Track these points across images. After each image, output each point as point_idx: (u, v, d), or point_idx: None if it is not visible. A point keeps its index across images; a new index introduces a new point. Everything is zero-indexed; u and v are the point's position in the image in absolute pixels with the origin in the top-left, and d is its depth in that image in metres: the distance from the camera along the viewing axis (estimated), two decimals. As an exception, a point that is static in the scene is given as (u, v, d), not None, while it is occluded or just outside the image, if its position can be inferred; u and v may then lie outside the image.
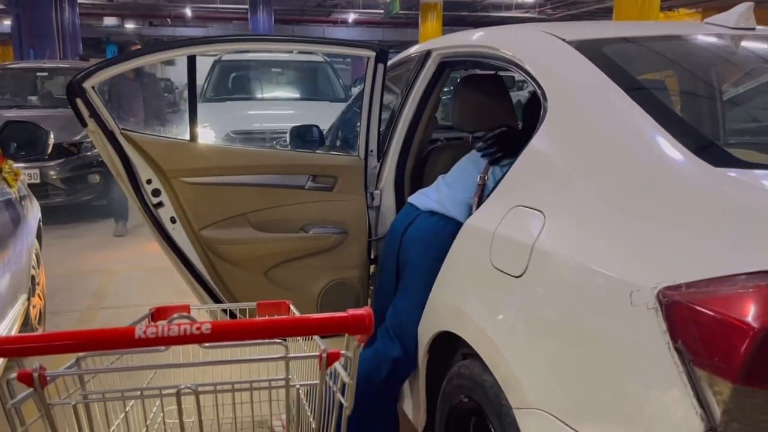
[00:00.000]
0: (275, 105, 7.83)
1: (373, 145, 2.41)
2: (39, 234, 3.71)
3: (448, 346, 1.79)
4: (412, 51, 2.63)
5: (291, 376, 1.25)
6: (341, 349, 1.20)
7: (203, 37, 2.37)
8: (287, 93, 8.39)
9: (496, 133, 2.00)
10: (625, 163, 1.37)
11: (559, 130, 1.56)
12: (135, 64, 2.22)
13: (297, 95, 8.23)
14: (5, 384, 1.07)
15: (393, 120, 2.47)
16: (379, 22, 25.32)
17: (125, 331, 1.02)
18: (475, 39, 2.12)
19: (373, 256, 2.45)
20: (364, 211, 2.38)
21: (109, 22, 25.31)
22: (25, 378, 1.05)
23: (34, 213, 3.58)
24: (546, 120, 1.58)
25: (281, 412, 1.49)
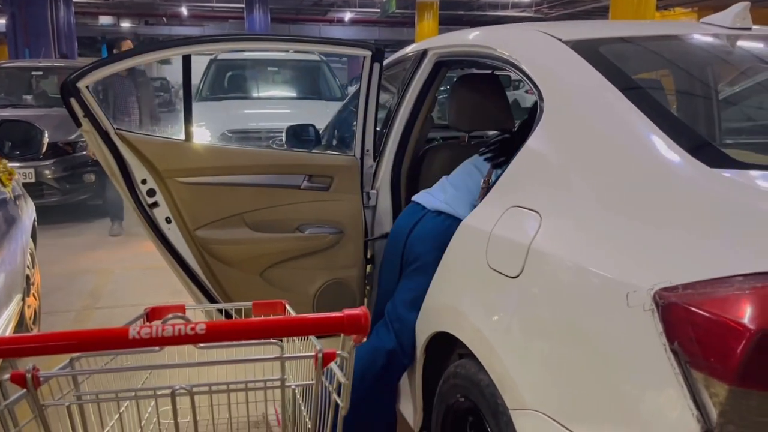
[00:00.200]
0: (271, 104, 7.81)
1: (369, 144, 2.41)
2: (34, 233, 3.70)
3: (445, 346, 1.79)
4: (409, 50, 2.62)
5: (287, 377, 1.25)
6: (337, 349, 1.20)
7: (199, 36, 2.35)
8: (283, 92, 8.36)
9: (499, 139, 2.02)
10: (621, 164, 1.37)
11: (555, 131, 1.56)
12: (130, 63, 2.21)
13: (293, 94, 8.20)
14: None
15: (389, 119, 2.47)
16: (375, 21, 25.33)
17: (119, 331, 1.02)
18: (472, 38, 2.12)
19: (369, 255, 2.45)
20: (360, 210, 2.37)
21: (105, 20, 25.26)
22: (18, 379, 1.04)
23: (28, 212, 3.57)
24: (542, 120, 1.58)
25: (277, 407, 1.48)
